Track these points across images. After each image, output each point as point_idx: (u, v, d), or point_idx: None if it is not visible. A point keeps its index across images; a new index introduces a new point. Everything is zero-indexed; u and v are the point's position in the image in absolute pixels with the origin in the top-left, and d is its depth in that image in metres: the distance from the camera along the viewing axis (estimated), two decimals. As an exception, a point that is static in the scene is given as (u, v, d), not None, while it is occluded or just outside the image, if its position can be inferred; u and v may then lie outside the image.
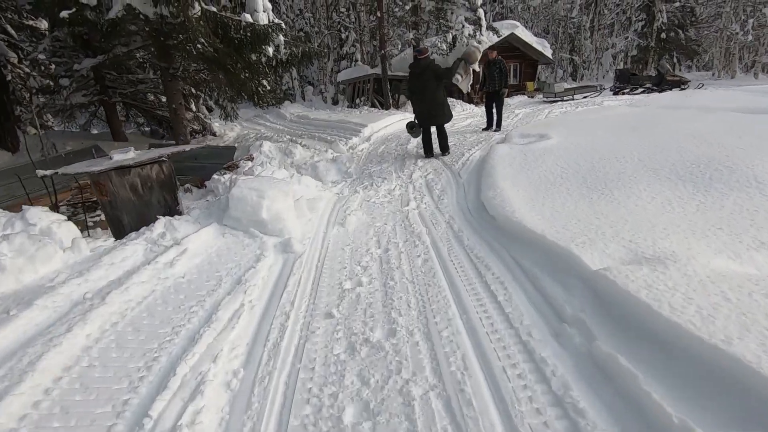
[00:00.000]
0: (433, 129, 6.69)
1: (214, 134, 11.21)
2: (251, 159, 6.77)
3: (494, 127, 8.55)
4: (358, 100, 16.33)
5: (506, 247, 2.99)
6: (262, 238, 3.33)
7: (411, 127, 6.74)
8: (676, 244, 2.42)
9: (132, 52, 8.58)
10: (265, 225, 3.38)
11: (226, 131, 11.53)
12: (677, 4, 20.73)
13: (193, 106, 11.57)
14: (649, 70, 24.49)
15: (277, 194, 3.45)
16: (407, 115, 12.73)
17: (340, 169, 6.74)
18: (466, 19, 15.12)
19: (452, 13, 15.18)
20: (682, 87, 15.55)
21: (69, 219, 4.78)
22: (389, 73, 15.38)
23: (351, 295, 2.59)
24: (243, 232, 3.41)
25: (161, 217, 3.41)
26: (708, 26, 29.22)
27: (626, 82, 16.04)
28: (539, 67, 21.80)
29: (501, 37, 16.29)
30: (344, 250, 3.32)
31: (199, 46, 6.32)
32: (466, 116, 12.32)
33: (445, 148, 6.69)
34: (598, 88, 15.95)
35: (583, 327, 1.97)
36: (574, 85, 17.29)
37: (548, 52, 18.95)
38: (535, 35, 20.46)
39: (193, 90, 10.92)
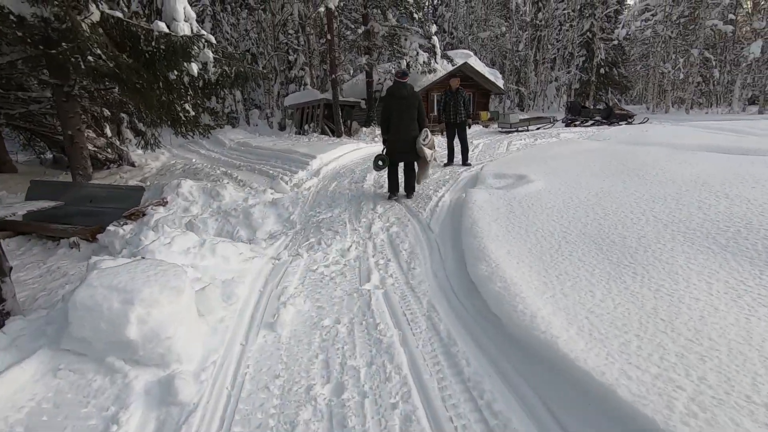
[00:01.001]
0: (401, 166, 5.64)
1: (132, 164, 9.41)
2: (164, 204, 5.28)
3: (460, 161, 7.69)
4: (306, 126, 15.12)
5: (538, 391, 1.84)
6: (127, 375, 1.95)
7: (379, 162, 5.58)
8: None
9: (15, 64, 6.82)
10: (135, 349, 2.00)
11: (149, 161, 9.76)
12: (615, 42, 21.92)
13: (108, 131, 9.75)
14: (591, 102, 25.65)
15: (160, 294, 2.10)
16: (361, 145, 11.67)
17: (280, 215, 5.43)
18: (421, 46, 14.60)
19: (406, 40, 14.61)
20: (629, 121, 15.94)
21: None
22: (341, 98, 14.40)
23: None
24: (94, 363, 2.00)
25: (-62, 344, 1.93)
26: (635, 64, 31.53)
27: (577, 114, 16.21)
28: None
29: (455, 66, 15.96)
30: (270, 390, 2.01)
31: (91, 58, 4.84)
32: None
33: (410, 189, 5.63)
34: (552, 120, 15.95)
35: None
36: (529, 116, 17.27)
37: (500, 83, 18.99)
38: (486, 66, 20.57)
39: (105, 112, 9.16)
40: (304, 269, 3.57)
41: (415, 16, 13.33)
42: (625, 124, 15.87)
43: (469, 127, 7.54)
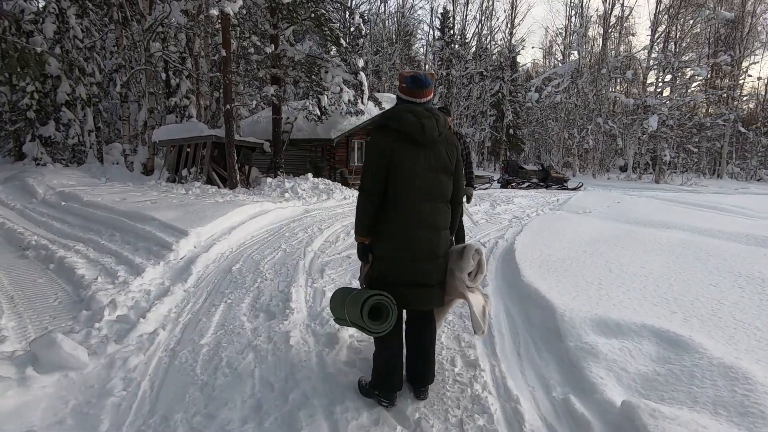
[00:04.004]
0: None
1: None
2: None
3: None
4: (185, 172, 10.78)
5: None
6: None
7: (354, 305, 1.93)
8: None
9: None
10: None
11: None
12: (528, 104, 22.34)
13: None
14: (500, 161, 25.68)
15: None
16: (266, 205, 7.79)
17: None
18: (345, 82, 11.76)
19: (327, 72, 11.66)
20: (564, 185, 15.02)
21: None
22: (237, 137, 10.58)
23: None
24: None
25: None
26: (523, 128, 33.51)
27: (514, 174, 14.85)
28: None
29: (383, 110, 13.39)
30: None
31: None
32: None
33: (430, 376, 2.19)
34: (490, 180, 14.27)
35: None
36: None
37: (426, 134, 17.06)
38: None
39: None
40: None
41: (342, 42, 10.48)
42: (559, 188, 14.90)
43: (468, 201, 4.52)
